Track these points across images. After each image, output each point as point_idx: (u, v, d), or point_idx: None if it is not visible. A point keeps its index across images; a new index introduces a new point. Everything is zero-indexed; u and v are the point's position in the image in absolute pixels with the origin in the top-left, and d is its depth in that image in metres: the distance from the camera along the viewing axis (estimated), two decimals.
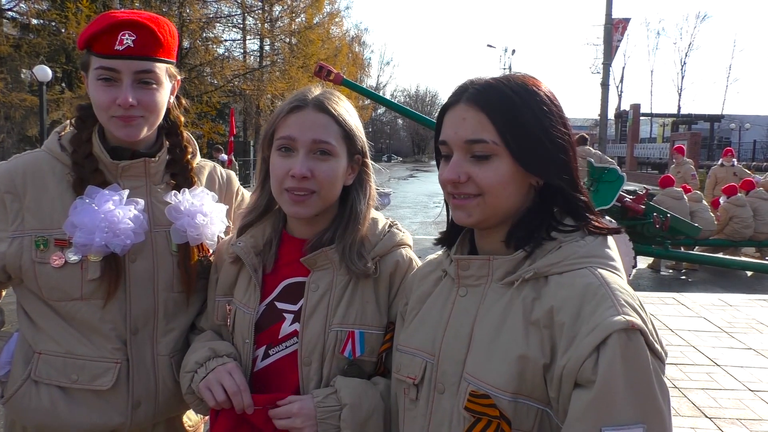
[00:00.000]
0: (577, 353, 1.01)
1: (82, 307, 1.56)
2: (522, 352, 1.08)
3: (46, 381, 1.57)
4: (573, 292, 1.07)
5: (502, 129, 1.13)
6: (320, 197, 1.45)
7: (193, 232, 1.62)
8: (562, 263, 1.12)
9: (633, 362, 0.99)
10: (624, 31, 28.13)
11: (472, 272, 1.22)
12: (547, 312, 1.08)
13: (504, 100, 1.14)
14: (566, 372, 1.02)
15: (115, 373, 1.58)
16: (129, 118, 1.55)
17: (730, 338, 5.52)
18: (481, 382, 1.11)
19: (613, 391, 0.98)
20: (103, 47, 1.51)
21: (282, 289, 1.52)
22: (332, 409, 1.38)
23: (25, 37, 19.07)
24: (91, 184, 1.56)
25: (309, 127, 1.44)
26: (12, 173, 1.58)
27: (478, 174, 1.15)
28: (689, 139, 25.73)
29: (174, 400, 1.67)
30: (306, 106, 1.46)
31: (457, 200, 1.20)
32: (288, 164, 1.44)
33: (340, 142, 1.47)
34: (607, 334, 0.99)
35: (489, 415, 1.08)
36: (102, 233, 1.49)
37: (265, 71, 26.10)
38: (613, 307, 1.03)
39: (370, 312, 1.48)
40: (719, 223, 10.78)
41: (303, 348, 1.46)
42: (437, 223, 3.48)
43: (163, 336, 1.65)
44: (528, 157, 1.14)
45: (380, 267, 1.51)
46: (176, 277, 1.65)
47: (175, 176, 1.70)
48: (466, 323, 1.19)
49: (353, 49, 38.37)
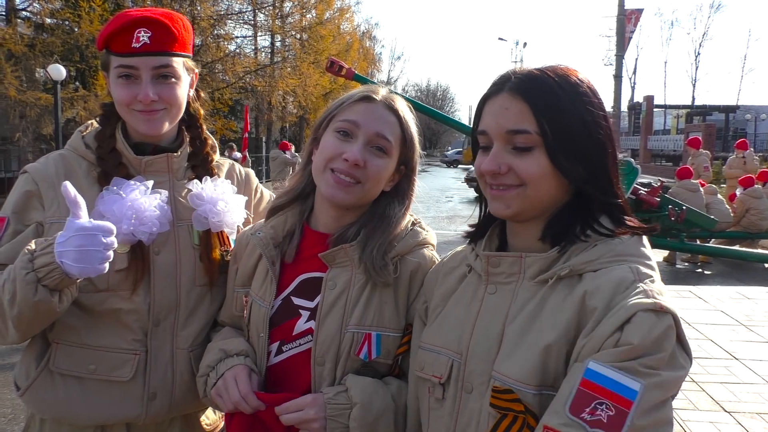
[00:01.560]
0: (599, 332, 1.00)
1: (108, 298, 1.58)
2: (547, 342, 1.05)
3: (64, 371, 1.59)
4: (608, 281, 1.05)
5: (542, 121, 1.11)
6: (364, 189, 1.44)
7: (215, 218, 1.64)
8: (598, 261, 1.10)
9: (656, 337, 0.96)
10: (637, 22, 27.88)
11: (503, 269, 1.18)
12: (579, 298, 1.06)
13: (548, 92, 1.12)
14: (584, 351, 1.00)
15: (134, 364, 1.60)
16: (151, 112, 1.58)
17: (749, 331, 5.46)
18: (505, 377, 1.09)
19: (623, 343, 0.96)
20: (120, 46, 1.55)
21: (298, 284, 1.51)
22: (342, 407, 1.36)
23: (39, 36, 19.22)
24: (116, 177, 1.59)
25: (376, 118, 1.45)
26: (44, 166, 1.64)
27: (519, 165, 1.13)
28: (704, 131, 25.45)
29: (190, 395, 1.67)
30: (377, 99, 1.48)
31: (496, 191, 1.17)
32: (343, 147, 1.43)
33: (397, 144, 1.48)
34: (632, 313, 0.97)
35: (514, 410, 1.06)
36: (129, 221, 1.52)
37: (276, 67, 26.12)
38: (643, 294, 1.01)
39: (388, 314, 1.44)
40: (736, 215, 10.67)
41: (317, 347, 1.43)
42: (449, 218, 3.43)
43: (183, 329, 1.66)
44: (562, 156, 1.12)
45: (400, 267, 1.47)
46: (198, 271, 1.67)
47: (196, 168, 1.73)
48: (496, 322, 1.15)
49: (364, 44, 38.33)
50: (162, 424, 1.72)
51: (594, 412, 0.94)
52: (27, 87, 18.37)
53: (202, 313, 1.70)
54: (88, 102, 18.62)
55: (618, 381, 0.93)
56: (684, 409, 3.85)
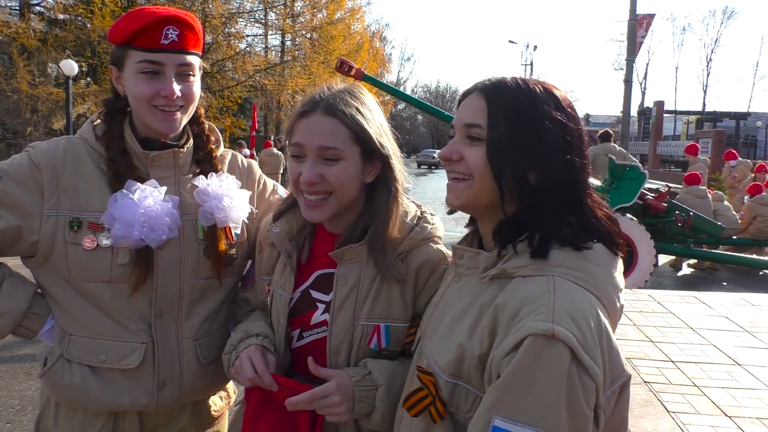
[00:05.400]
0: (501, 350, 1.05)
1: (109, 289, 1.61)
2: (462, 342, 1.15)
3: (77, 360, 1.63)
4: (521, 294, 1.10)
5: (494, 118, 1.18)
6: (336, 198, 1.47)
7: (220, 214, 1.68)
8: (529, 267, 1.13)
9: (544, 367, 0.99)
10: (648, 28, 27.75)
11: (464, 262, 1.29)
12: (494, 308, 1.12)
13: (508, 95, 1.19)
14: (493, 365, 1.07)
15: (141, 352, 1.64)
16: (170, 112, 1.62)
17: (752, 338, 5.46)
18: (431, 359, 1.21)
19: (515, 387, 1.00)
20: (148, 42, 1.57)
21: (316, 278, 1.59)
22: (368, 389, 1.44)
23: (51, 31, 19.37)
24: (126, 179, 1.60)
25: (315, 133, 1.45)
26: (52, 152, 1.62)
27: (469, 154, 1.21)
28: (714, 137, 25.33)
29: (199, 382, 1.73)
30: (314, 110, 1.46)
31: (451, 182, 1.27)
32: (299, 168, 1.47)
33: (349, 144, 1.46)
34: (523, 336, 1.01)
35: (429, 389, 1.17)
36: (141, 228, 1.55)
37: (286, 66, 26.17)
38: (544, 314, 1.02)
39: (396, 306, 1.52)
40: (743, 222, 10.64)
41: (332, 339, 1.52)
42: (456, 219, 3.48)
43: (187, 320, 1.70)
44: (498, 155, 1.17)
45: (407, 262, 1.53)
46: (202, 265, 1.70)
47: (200, 163, 1.75)
48: (449, 306, 1.28)
49: (374, 44, 38.29)
50: (172, 412, 1.76)
51: None
52: (39, 82, 18.51)
53: (205, 303, 1.74)
54: (99, 97, 18.74)
55: None
56: (684, 413, 3.86)
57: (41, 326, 1.64)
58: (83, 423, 1.68)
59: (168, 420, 1.77)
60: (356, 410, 1.44)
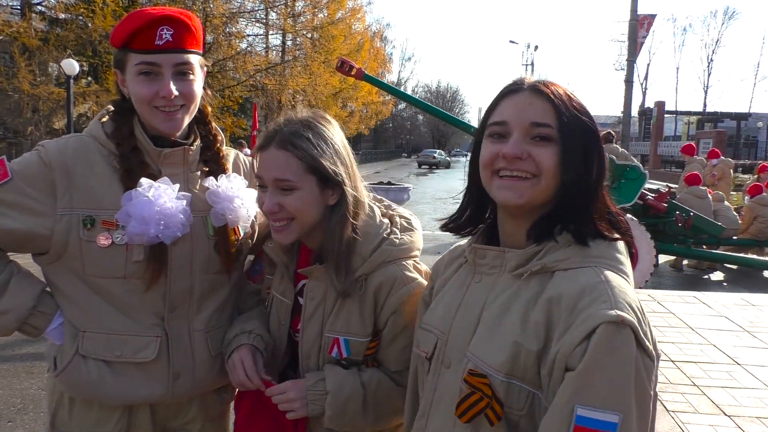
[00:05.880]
0: (569, 341, 1.07)
1: (123, 285, 1.63)
2: (517, 338, 1.15)
3: (93, 356, 1.64)
4: (574, 286, 1.13)
5: (562, 121, 1.21)
6: (298, 223, 1.57)
7: (232, 215, 1.71)
8: (569, 260, 1.19)
9: (617, 353, 1.04)
10: (649, 28, 27.76)
11: (487, 261, 1.29)
12: (546, 302, 1.15)
13: (563, 97, 1.24)
14: (558, 358, 1.09)
15: (156, 345, 1.67)
16: (171, 112, 1.63)
17: (752, 337, 5.47)
18: (480, 360, 1.20)
19: (594, 375, 1.04)
20: (143, 43, 1.58)
21: (302, 287, 1.69)
22: (319, 393, 1.59)
23: (52, 30, 19.38)
24: (138, 176, 1.61)
25: (271, 166, 1.54)
26: (62, 151, 1.63)
27: (539, 154, 1.21)
28: (714, 137, 25.33)
29: (210, 374, 1.77)
30: (270, 144, 1.55)
31: (509, 179, 1.23)
32: (262, 198, 1.58)
33: (302, 175, 1.53)
34: (596, 324, 1.05)
35: (483, 392, 1.17)
36: (157, 225, 1.57)
37: (287, 66, 26.19)
38: (608, 302, 1.08)
39: (354, 323, 1.62)
40: (743, 223, 10.65)
41: (303, 345, 1.67)
42: None
43: (197, 314, 1.74)
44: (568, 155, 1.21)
45: (366, 284, 1.61)
46: (212, 260, 1.74)
47: (207, 163, 1.77)
48: (475, 307, 1.27)
49: (375, 44, 38.34)
50: (181, 404, 1.79)
51: None
52: (40, 81, 18.53)
53: (216, 297, 1.78)
54: (100, 97, 18.77)
55: (601, 420, 1.03)
56: (684, 412, 3.87)
57: (47, 324, 1.66)
58: (99, 417, 1.70)
59: (178, 412, 1.80)
60: (309, 410, 1.58)
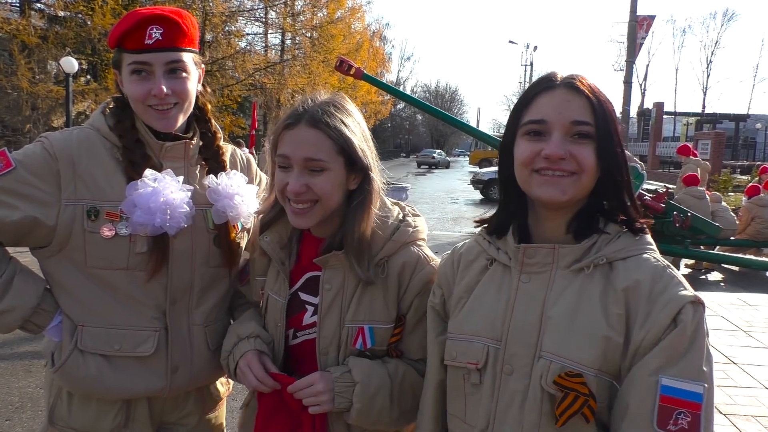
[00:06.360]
0: (656, 325, 1.14)
1: (126, 277, 1.64)
2: (606, 333, 1.18)
3: (92, 350, 1.65)
4: (643, 274, 1.20)
5: (598, 117, 1.24)
6: (322, 206, 1.52)
7: (232, 212, 1.73)
8: (626, 249, 1.24)
9: (699, 329, 1.14)
10: (648, 29, 27.80)
11: (538, 260, 1.28)
12: (622, 292, 1.19)
13: (598, 94, 1.26)
14: (645, 344, 1.15)
15: (155, 340, 1.67)
16: (165, 111, 1.64)
17: (748, 337, 5.49)
18: (568, 360, 1.19)
19: (677, 347, 1.12)
20: (133, 43, 1.60)
21: (305, 281, 1.64)
22: (347, 385, 1.52)
23: (52, 28, 19.35)
24: (141, 168, 1.62)
25: (300, 145, 1.49)
26: (67, 142, 1.64)
27: (580, 152, 1.23)
28: (713, 139, 25.32)
29: (207, 367, 1.78)
30: (299, 122, 1.50)
31: (550, 177, 1.24)
32: (286, 178, 1.51)
33: (333, 156, 1.50)
34: (681, 306, 1.14)
35: (579, 391, 1.17)
36: (162, 215, 1.58)
37: (286, 65, 26.20)
38: (679, 284, 1.18)
39: (378, 309, 1.57)
40: (741, 223, 10.67)
41: (321, 341, 1.59)
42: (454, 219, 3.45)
43: (197, 307, 1.75)
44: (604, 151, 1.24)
45: (388, 267, 1.58)
46: (212, 253, 1.75)
47: (207, 161, 1.79)
48: (534, 308, 1.26)
49: (374, 43, 38.32)
50: (179, 397, 1.81)
51: (676, 422, 1.11)
52: (39, 79, 18.51)
53: (215, 291, 1.79)
54: (99, 95, 18.75)
55: (688, 390, 1.11)
56: None
57: (49, 322, 1.66)
58: (97, 411, 1.70)
59: (175, 405, 1.81)
60: (336, 403, 1.51)
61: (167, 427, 1.84)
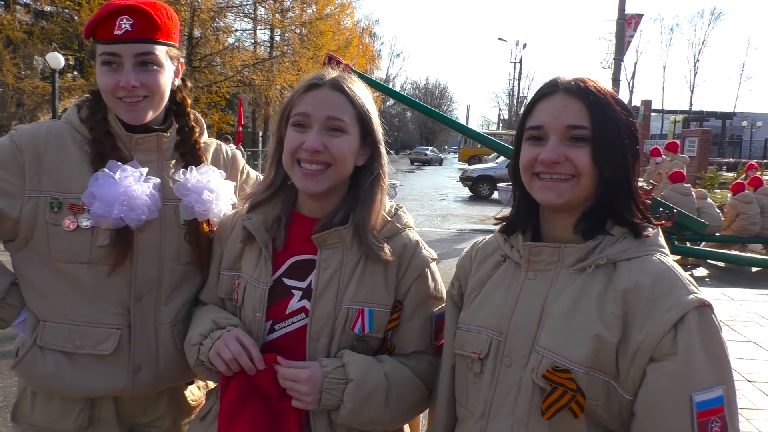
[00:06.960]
0: (655, 330, 1.14)
1: (89, 271, 1.61)
2: (598, 332, 1.19)
3: (51, 347, 1.62)
4: (646, 275, 1.20)
5: (596, 120, 1.25)
6: (334, 170, 1.50)
7: (200, 207, 1.67)
8: (631, 251, 1.25)
9: (708, 333, 1.14)
10: (636, 27, 27.91)
11: (543, 258, 1.31)
12: (621, 293, 1.20)
13: (599, 96, 1.27)
14: (643, 347, 1.15)
15: (116, 338, 1.63)
16: (133, 103, 1.61)
17: (732, 331, 5.56)
18: (558, 356, 1.21)
19: (695, 360, 1.12)
20: (103, 34, 1.58)
21: (289, 266, 1.56)
22: (338, 382, 1.44)
23: (37, 23, 19.16)
24: (109, 160, 1.60)
25: (324, 104, 1.49)
26: (34, 134, 1.63)
27: (576, 156, 1.25)
28: (700, 136, 25.48)
29: (175, 367, 1.72)
30: (323, 85, 1.51)
31: (549, 181, 1.28)
32: (302, 138, 1.49)
33: (353, 121, 1.51)
34: (684, 312, 1.13)
35: (567, 387, 1.19)
36: (120, 206, 1.55)
37: (274, 62, 26.08)
38: (684, 288, 1.18)
39: (379, 290, 1.53)
40: (726, 220, 10.78)
41: (312, 324, 1.50)
42: (443, 216, 3.46)
43: (165, 305, 1.70)
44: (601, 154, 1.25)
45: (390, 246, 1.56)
46: (182, 250, 1.70)
47: (184, 155, 1.75)
48: (536, 304, 1.29)
49: (363, 40, 38.22)
50: (149, 398, 1.76)
51: (712, 430, 1.13)
52: (25, 75, 18.32)
53: (185, 289, 1.74)
54: (86, 91, 18.54)
55: (713, 397, 1.12)
56: None
57: (15, 317, 1.65)
58: (60, 410, 1.67)
59: (145, 407, 1.77)
60: (323, 401, 1.43)
61: (139, 430, 1.80)
